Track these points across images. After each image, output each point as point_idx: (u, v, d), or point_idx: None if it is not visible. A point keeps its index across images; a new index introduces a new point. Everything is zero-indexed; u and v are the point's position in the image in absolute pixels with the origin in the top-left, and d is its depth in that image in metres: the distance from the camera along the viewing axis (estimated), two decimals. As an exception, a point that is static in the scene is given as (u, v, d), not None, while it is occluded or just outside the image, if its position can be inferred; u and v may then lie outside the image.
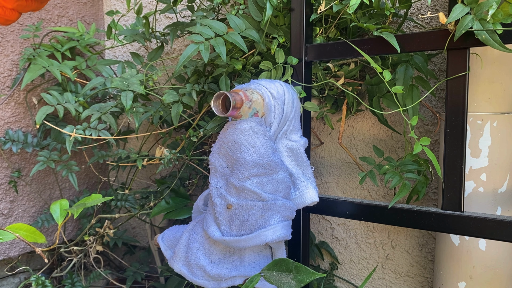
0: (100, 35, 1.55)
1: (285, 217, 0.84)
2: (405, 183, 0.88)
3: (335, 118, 1.22)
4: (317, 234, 1.32)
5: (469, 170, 0.92)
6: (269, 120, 0.85)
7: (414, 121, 0.81)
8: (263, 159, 0.81)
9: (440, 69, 1.09)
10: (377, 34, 0.83)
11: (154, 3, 1.47)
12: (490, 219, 0.76)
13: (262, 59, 1.01)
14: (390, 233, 1.21)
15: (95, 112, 1.08)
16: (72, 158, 1.41)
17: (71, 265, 1.33)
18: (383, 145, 1.18)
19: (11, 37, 1.26)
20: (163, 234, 1.00)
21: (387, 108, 1.13)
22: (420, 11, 1.09)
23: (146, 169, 1.56)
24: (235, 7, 0.96)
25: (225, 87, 0.99)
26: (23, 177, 1.32)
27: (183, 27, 1.16)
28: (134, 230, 1.66)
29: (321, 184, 1.29)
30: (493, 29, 0.72)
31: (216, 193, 0.85)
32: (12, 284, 1.39)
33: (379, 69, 0.81)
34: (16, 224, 0.73)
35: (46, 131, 1.31)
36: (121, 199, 1.30)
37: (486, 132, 0.90)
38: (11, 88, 1.26)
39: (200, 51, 0.88)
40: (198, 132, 1.06)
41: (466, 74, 0.77)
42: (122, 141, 1.48)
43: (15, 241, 1.32)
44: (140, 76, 1.04)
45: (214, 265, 0.88)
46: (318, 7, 0.91)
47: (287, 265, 0.73)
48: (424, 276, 1.17)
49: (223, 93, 0.78)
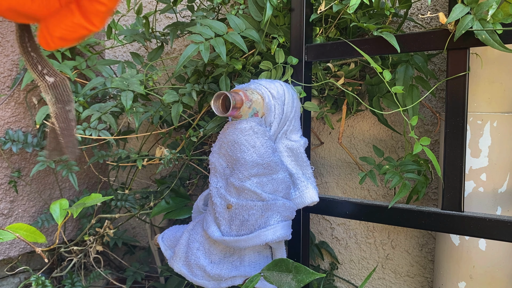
0: (100, 35, 1.55)
1: (285, 217, 0.84)
2: (405, 183, 0.88)
3: (335, 118, 1.22)
4: (317, 234, 1.32)
5: (469, 170, 0.92)
6: (269, 120, 0.85)
7: (414, 121, 0.81)
8: (263, 159, 0.81)
9: (440, 69, 1.08)
10: (377, 34, 0.83)
11: (154, 3, 1.47)
12: (490, 219, 0.76)
13: (262, 59, 1.01)
14: (390, 233, 1.21)
15: (95, 112, 1.08)
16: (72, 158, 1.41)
17: (71, 265, 1.33)
18: (383, 145, 1.18)
19: (11, 37, 1.26)
20: (163, 234, 1.00)
21: (387, 108, 1.13)
22: (420, 11, 1.09)
23: (146, 169, 1.56)
24: (235, 7, 0.96)
25: (225, 87, 0.99)
26: (23, 177, 1.32)
27: (183, 27, 1.16)
28: (134, 230, 1.66)
29: (321, 184, 1.29)
30: (493, 29, 0.72)
31: (216, 193, 0.85)
32: (12, 284, 1.39)
33: (379, 69, 0.81)
34: (16, 224, 0.73)
35: (46, 131, 1.31)
36: (121, 199, 1.30)
37: (486, 132, 0.90)
38: (11, 88, 1.26)
39: (200, 51, 0.88)
40: (198, 132, 1.06)
41: (466, 74, 0.78)
42: (122, 141, 1.48)
43: (15, 241, 1.32)
44: (140, 76, 1.04)
45: (214, 265, 0.88)
46: (318, 7, 0.91)
47: (287, 265, 0.73)
48: (424, 276, 1.17)
49: (223, 93, 0.78)
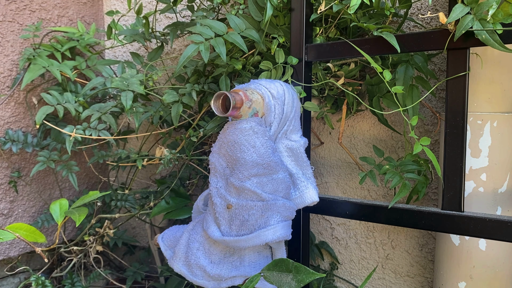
0: (100, 35, 1.55)
1: (285, 217, 0.84)
2: (405, 183, 0.88)
3: (335, 118, 1.22)
4: (317, 234, 1.32)
5: (469, 170, 0.92)
6: (269, 120, 0.85)
7: (414, 121, 0.81)
8: (263, 159, 0.81)
9: (440, 69, 1.08)
10: (377, 34, 0.83)
11: (154, 3, 1.47)
12: (490, 219, 0.76)
13: (262, 59, 1.01)
14: (390, 233, 1.21)
15: (95, 112, 1.08)
16: (72, 158, 1.41)
17: (71, 265, 1.33)
18: (383, 145, 1.18)
19: (11, 37, 1.26)
20: (163, 234, 1.00)
21: (387, 108, 1.13)
22: (420, 11, 1.09)
23: (146, 169, 1.56)
24: (235, 7, 0.96)
25: (225, 87, 0.99)
26: (23, 177, 1.32)
27: (183, 27, 1.16)
28: (134, 230, 1.66)
29: (321, 184, 1.29)
30: (493, 29, 0.72)
31: (216, 193, 0.85)
32: (12, 284, 1.39)
33: (379, 69, 0.81)
34: (16, 224, 0.74)
35: (46, 131, 1.31)
36: (121, 199, 1.30)
37: (486, 132, 0.90)
38: (11, 88, 1.26)
39: (200, 51, 0.88)
40: (198, 132, 1.06)
41: (466, 74, 0.77)
42: (122, 141, 1.48)
43: (15, 241, 1.32)
44: (140, 76, 1.04)
45: (214, 265, 0.88)
46: (318, 7, 0.91)
47: (287, 265, 0.73)
48: (424, 276, 1.17)
49: (223, 93, 0.78)
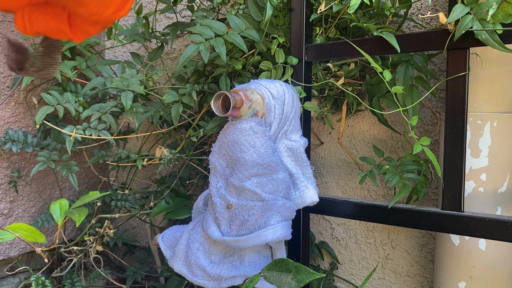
0: (100, 35, 1.55)
1: (285, 217, 0.84)
2: (405, 183, 0.88)
3: (335, 118, 1.22)
4: (317, 234, 1.32)
5: (469, 170, 0.92)
6: (269, 120, 0.85)
7: (414, 121, 0.81)
8: (263, 159, 0.81)
9: (440, 69, 1.08)
10: (377, 34, 0.83)
11: (154, 3, 1.47)
12: (490, 219, 0.76)
13: (262, 59, 1.01)
14: (390, 233, 1.21)
15: (95, 112, 1.08)
16: (72, 158, 1.41)
17: (71, 265, 1.33)
18: (383, 145, 1.18)
19: (11, 37, 1.26)
20: (163, 234, 1.00)
21: (387, 108, 1.13)
22: (420, 11, 1.09)
23: (146, 169, 1.56)
24: (235, 7, 0.96)
25: (225, 87, 0.99)
26: (23, 177, 1.32)
27: (183, 27, 1.16)
28: (134, 230, 1.66)
29: (321, 184, 1.29)
30: (493, 29, 0.72)
31: (216, 193, 0.85)
32: (12, 284, 1.39)
33: (379, 69, 0.81)
34: (16, 224, 0.74)
35: (46, 131, 1.31)
36: (121, 199, 1.30)
37: (486, 132, 0.90)
38: (11, 88, 1.26)
39: (200, 51, 0.88)
40: (198, 132, 1.06)
41: (466, 74, 0.78)
42: (122, 141, 1.48)
43: (15, 241, 1.32)
44: (140, 76, 1.04)
45: (214, 265, 0.88)
46: (318, 7, 0.91)
47: (287, 265, 0.73)
48: (424, 276, 1.17)
49: (223, 93, 0.78)
